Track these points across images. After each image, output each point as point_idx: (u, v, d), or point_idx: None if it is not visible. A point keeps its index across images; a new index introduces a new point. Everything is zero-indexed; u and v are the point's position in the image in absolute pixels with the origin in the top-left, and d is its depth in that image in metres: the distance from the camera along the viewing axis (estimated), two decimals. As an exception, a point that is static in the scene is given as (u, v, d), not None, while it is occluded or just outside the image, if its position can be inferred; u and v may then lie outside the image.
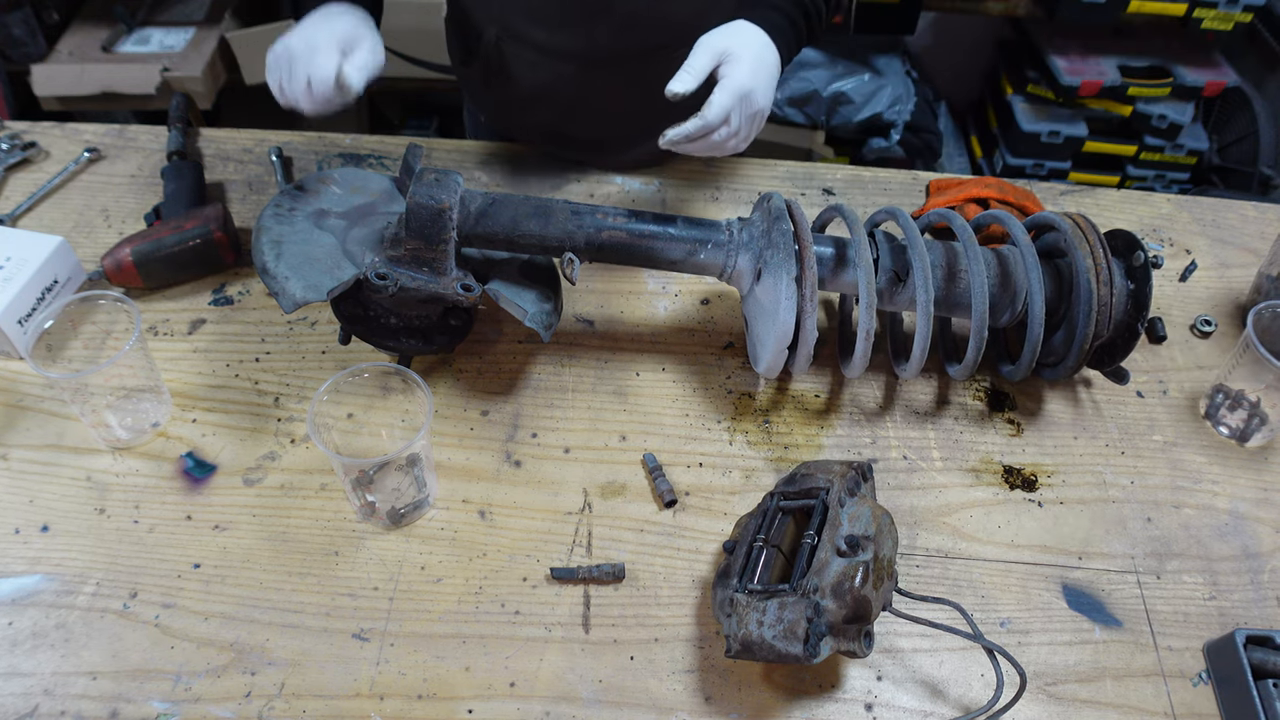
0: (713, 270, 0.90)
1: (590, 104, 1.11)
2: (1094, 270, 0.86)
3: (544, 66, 1.08)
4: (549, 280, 0.94)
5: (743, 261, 0.89)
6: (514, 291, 0.89)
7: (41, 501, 0.84)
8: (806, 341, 0.86)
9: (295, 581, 0.79)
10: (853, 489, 0.77)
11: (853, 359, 0.89)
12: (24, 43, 2.02)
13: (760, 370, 0.91)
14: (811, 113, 2.31)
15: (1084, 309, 0.86)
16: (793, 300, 0.84)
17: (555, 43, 1.06)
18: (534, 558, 0.82)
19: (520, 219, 0.86)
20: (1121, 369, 0.92)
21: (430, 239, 0.83)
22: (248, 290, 1.02)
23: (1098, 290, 0.86)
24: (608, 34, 1.03)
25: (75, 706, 0.71)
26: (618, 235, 0.87)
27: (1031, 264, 0.86)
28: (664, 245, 0.88)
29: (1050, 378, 0.94)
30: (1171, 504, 0.89)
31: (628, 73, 1.07)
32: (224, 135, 1.22)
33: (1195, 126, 2.33)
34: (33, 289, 0.93)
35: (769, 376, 0.94)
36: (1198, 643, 0.79)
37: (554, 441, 0.90)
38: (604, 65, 1.06)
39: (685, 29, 1.04)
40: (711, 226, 0.89)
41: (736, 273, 0.90)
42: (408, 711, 0.72)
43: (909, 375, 0.91)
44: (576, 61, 1.06)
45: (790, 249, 0.85)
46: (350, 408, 0.87)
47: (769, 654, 0.68)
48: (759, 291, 0.88)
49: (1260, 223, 1.19)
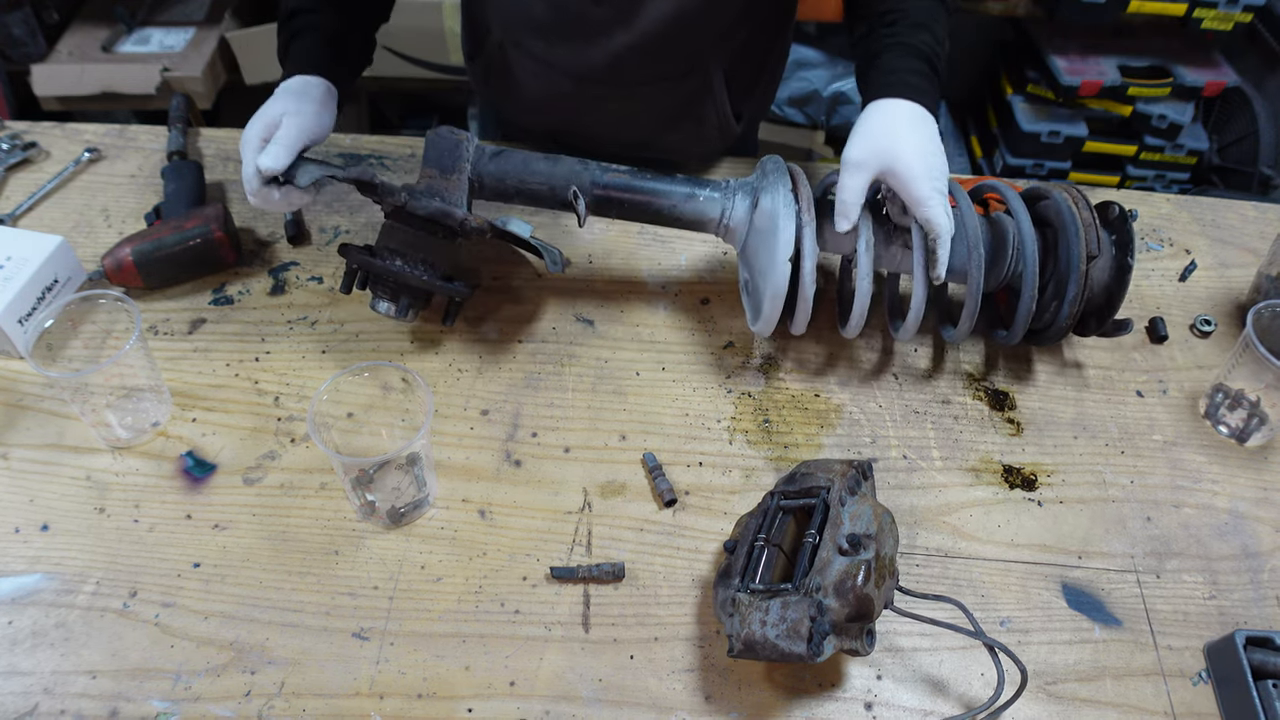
0: (711, 214, 0.92)
1: (588, 114, 1.12)
2: (1072, 201, 0.91)
3: (544, 76, 1.09)
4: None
5: (739, 204, 0.92)
6: (519, 228, 0.95)
7: (41, 501, 0.84)
8: (807, 257, 0.86)
9: (295, 581, 0.79)
10: (853, 488, 0.77)
11: (850, 315, 0.92)
12: (24, 43, 2.02)
13: (762, 313, 0.90)
14: (811, 113, 2.31)
15: (1073, 245, 0.88)
16: (791, 210, 0.86)
17: (553, 57, 1.06)
18: (534, 557, 0.82)
19: (530, 160, 0.92)
20: (1121, 320, 0.92)
21: (445, 168, 0.89)
22: (248, 290, 1.02)
23: (1084, 235, 0.88)
24: (604, 56, 1.04)
25: (75, 705, 0.71)
26: (620, 177, 0.92)
27: (1026, 230, 0.89)
28: (664, 188, 0.92)
29: (1043, 343, 0.95)
30: (1171, 503, 0.89)
31: (626, 90, 1.08)
32: (224, 135, 1.22)
33: (1195, 126, 2.33)
34: (33, 289, 0.93)
35: (771, 320, 0.90)
36: (1197, 642, 0.79)
37: (554, 441, 0.90)
38: (602, 82, 1.07)
39: (683, 61, 1.05)
40: (710, 181, 0.94)
41: (734, 218, 0.92)
42: (407, 710, 0.72)
43: (905, 337, 0.94)
44: (574, 76, 1.07)
45: (783, 171, 0.89)
46: (350, 407, 0.87)
47: (772, 653, 0.68)
48: (757, 219, 0.90)
49: (1260, 223, 1.19)
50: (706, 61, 1.06)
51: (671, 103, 1.10)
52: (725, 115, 1.12)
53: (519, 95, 1.13)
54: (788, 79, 2.26)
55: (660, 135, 1.15)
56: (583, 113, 1.12)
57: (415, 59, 2.21)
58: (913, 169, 0.83)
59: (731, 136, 1.16)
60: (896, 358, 1.00)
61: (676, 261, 1.08)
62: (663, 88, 1.08)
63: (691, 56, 1.06)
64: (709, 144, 1.18)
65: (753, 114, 1.21)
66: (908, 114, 0.86)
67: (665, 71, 1.06)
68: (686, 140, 1.16)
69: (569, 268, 1.07)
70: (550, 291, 1.04)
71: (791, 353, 1.00)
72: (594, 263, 1.08)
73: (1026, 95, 2.34)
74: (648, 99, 1.09)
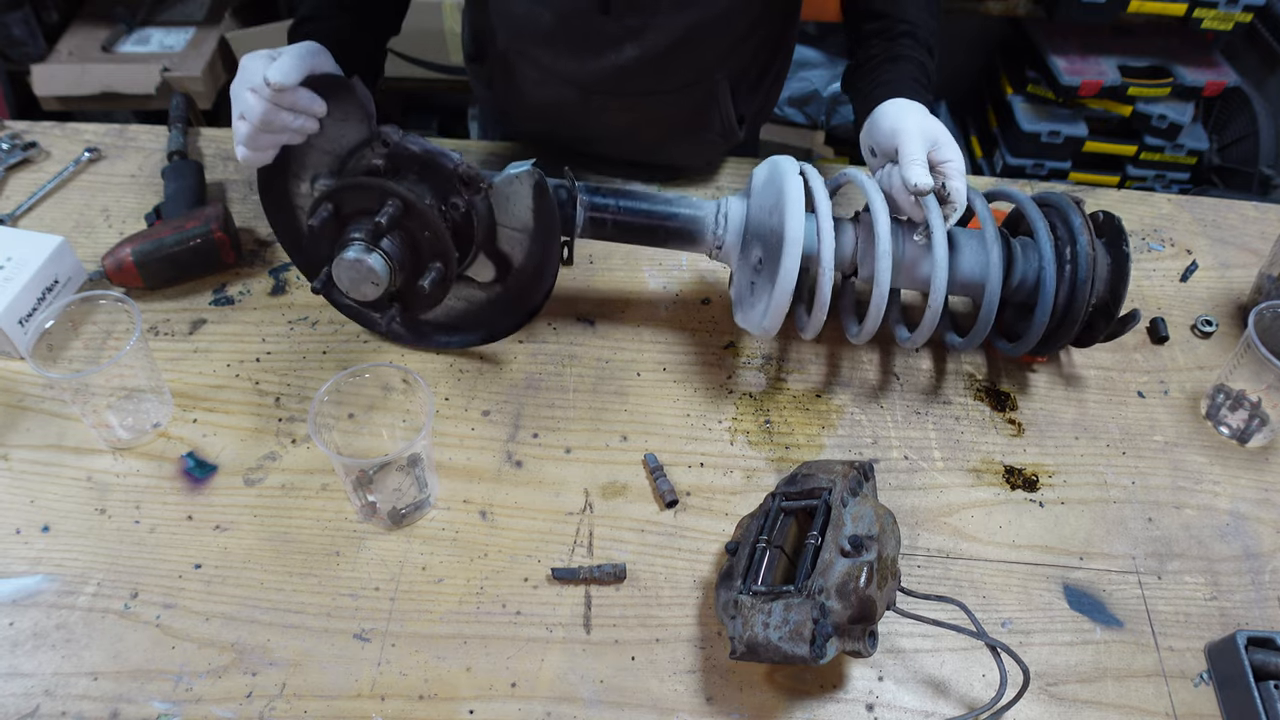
0: (706, 216, 0.90)
1: (592, 122, 1.12)
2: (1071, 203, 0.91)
3: (548, 84, 1.09)
4: None
5: (734, 206, 0.90)
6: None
7: (42, 502, 0.83)
8: (825, 231, 0.84)
9: (296, 582, 0.79)
10: (855, 489, 0.77)
11: (865, 320, 0.89)
12: (24, 43, 2.02)
13: (772, 303, 0.85)
14: (811, 113, 2.31)
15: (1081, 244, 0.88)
16: (798, 179, 0.85)
17: (558, 68, 1.06)
18: (535, 558, 0.82)
19: None
20: (1129, 315, 0.90)
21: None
22: (248, 290, 1.02)
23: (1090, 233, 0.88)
24: (610, 68, 1.04)
25: (76, 707, 0.71)
26: (610, 195, 0.90)
27: (1046, 245, 0.88)
28: (654, 203, 0.90)
29: (1044, 352, 0.94)
30: (1172, 504, 0.89)
31: (631, 100, 1.08)
32: (224, 135, 1.22)
33: (1195, 126, 2.33)
34: (33, 289, 0.93)
35: (778, 316, 0.87)
36: (1199, 643, 0.79)
37: (555, 441, 0.90)
38: (607, 92, 1.07)
39: (690, 73, 1.05)
40: (699, 205, 0.92)
41: (729, 225, 0.89)
42: (409, 712, 0.72)
43: (914, 345, 0.92)
44: (579, 85, 1.07)
45: (791, 158, 0.88)
46: (351, 408, 0.87)
47: (775, 655, 0.68)
48: (755, 201, 0.88)
49: (1261, 223, 1.19)
50: (712, 71, 1.07)
51: (676, 112, 1.10)
52: (730, 122, 1.12)
53: (522, 102, 1.13)
54: (788, 79, 2.26)
55: (664, 143, 1.15)
56: (586, 121, 1.12)
57: (415, 59, 2.21)
58: (910, 132, 0.87)
59: (735, 140, 1.16)
60: (898, 359, 1.00)
61: (677, 261, 1.08)
62: (668, 98, 1.08)
63: (699, 69, 1.06)
64: (713, 150, 1.18)
65: (756, 116, 1.21)
66: (912, 105, 0.91)
67: (671, 83, 1.06)
68: (690, 147, 1.16)
69: (569, 267, 1.06)
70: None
71: (793, 353, 0.99)
72: (595, 263, 1.08)
73: (1026, 95, 2.34)
74: (652, 108, 1.09)
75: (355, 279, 0.82)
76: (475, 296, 0.94)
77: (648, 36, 0.99)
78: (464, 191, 0.84)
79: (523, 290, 0.92)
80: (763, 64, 1.14)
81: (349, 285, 0.82)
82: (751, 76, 1.13)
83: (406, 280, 0.86)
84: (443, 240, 0.83)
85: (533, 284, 0.92)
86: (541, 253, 0.90)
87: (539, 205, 0.87)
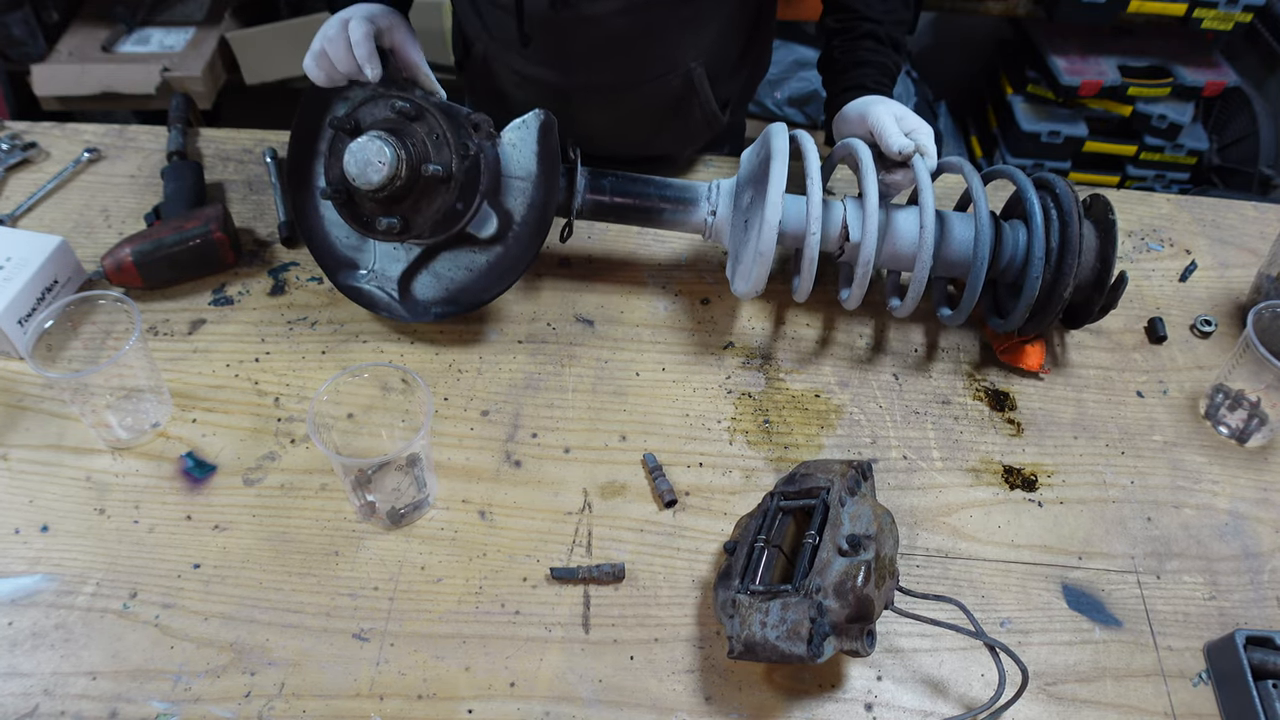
0: (699, 185, 0.96)
1: (576, 120, 1.12)
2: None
3: (525, 88, 1.11)
4: None
5: (726, 181, 0.96)
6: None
7: (41, 501, 0.84)
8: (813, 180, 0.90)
9: (295, 581, 0.79)
10: (853, 488, 0.77)
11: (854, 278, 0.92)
12: (24, 43, 2.02)
13: (758, 249, 0.88)
14: (811, 113, 2.31)
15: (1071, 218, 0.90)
16: (784, 135, 0.90)
17: (530, 72, 1.09)
18: (534, 558, 0.82)
19: None
20: (1118, 279, 0.92)
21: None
22: (247, 290, 1.02)
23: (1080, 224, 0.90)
24: (581, 71, 1.06)
25: (75, 707, 0.71)
26: (609, 176, 0.96)
27: (1036, 223, 0.90)
28: (648, 183, 0.96)
29: (1038, 327, 0.95)
30: (1171, 504, 0.89)
31: (606, 101, 1.10)
32: (224, 135, 1.22)
33: (1195, 126, 2.33)
34: (33, 289, 0.93)
35: (761, 273, 0.90)
36: (1198, 643, 0.79)
37: (554, 441, 0.90)
38: (581, 94, 1.09)
39: (657, 62, 1.06)
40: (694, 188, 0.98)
41: (721, 193, 0.96)
42: (408, 711, 0.72)
43: (903, 314, 0.96)
44: (553, 90, 1.09)
45: (782, 136, 0.92)
46: (350, 408, 0.87)
47: (772, 654, 0.68)
48: (746, 162, 0.95)
49: (1260, 223, 1.19)
50: (685, 60, 1.07)
51: (657, 105, 1.11)
52: (711, 110, 1.14)
53: (506, 104, 1.15)
54: (788, 79, 2.26)
55: (649, 135, 1.16)
56: (570, 119, 1.12)
57: (415, 59, 2.21)
58: (879, 114, 0.97)
59: (719, 127, 1.17)
60: (897, 358, 1.00)
61: (677, 261, 1.08)
62: (645, 92, 1.09)
63: (668, 60, 1.07)
64: (699, 137, 1.19)
65: (738, 100, 1.22)
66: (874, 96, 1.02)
67: (644, 76, 1.08)
68: (676, 136, 1.18)
69: (570, 267, 1.07)
70: (550, 291, 1.04)
71: (792, 353, 1.00)
72: (594, 263, 1.08)
73: (1026, 95, 2.34)
74: (632, 103, 1.10)
75: (363, 162, 0.85)
76: (475, 262, 0.96)
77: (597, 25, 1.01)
78: (474, 135, 0.90)
79: (522, 250, 0.96)
80: (740, 48, 1.15)
81: (357, 172, 0.85)
82: (730, 61, 1.14)
83: (411, 174, 0.88)
84: (448, 145, 0.88)
85: (532, 240, 0.95)
86: (543, 201, 0.94)
87: (543, 147, 0.93)
